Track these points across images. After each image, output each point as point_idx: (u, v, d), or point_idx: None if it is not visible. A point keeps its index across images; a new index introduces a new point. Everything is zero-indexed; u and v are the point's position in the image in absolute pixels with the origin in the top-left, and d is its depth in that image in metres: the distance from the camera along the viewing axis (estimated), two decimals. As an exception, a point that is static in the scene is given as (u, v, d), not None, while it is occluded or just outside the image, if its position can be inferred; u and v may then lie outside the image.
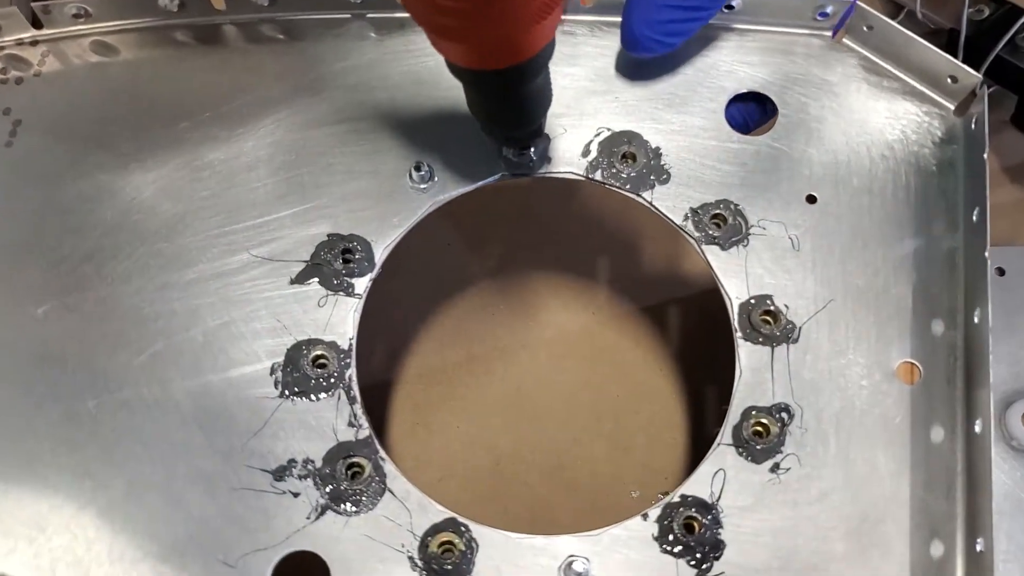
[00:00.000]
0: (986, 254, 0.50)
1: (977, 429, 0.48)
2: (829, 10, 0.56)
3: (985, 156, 0.52)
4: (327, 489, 0.48)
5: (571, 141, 0.56)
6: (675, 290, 0.67)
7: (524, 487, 0.64)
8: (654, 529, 0.48)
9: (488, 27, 0.40)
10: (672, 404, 0.66)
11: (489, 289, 0.68)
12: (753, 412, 0.50)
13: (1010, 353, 0.61)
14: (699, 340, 0.66)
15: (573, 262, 0.69)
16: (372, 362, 0.65)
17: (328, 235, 0.54)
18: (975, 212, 0.52)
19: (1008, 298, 0.62)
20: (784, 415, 0.50)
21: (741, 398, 0.50)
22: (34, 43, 0.58)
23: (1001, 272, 0.63)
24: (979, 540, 0.46)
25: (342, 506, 0.48)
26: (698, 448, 0.64)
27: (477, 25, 0.40)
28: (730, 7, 0.56)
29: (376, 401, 0.64)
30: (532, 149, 0.54)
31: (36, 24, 0.58)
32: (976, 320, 0.50)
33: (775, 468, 0.49)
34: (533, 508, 0.61)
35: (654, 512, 0.48)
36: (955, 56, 0.64)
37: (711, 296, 0.54)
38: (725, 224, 0.54)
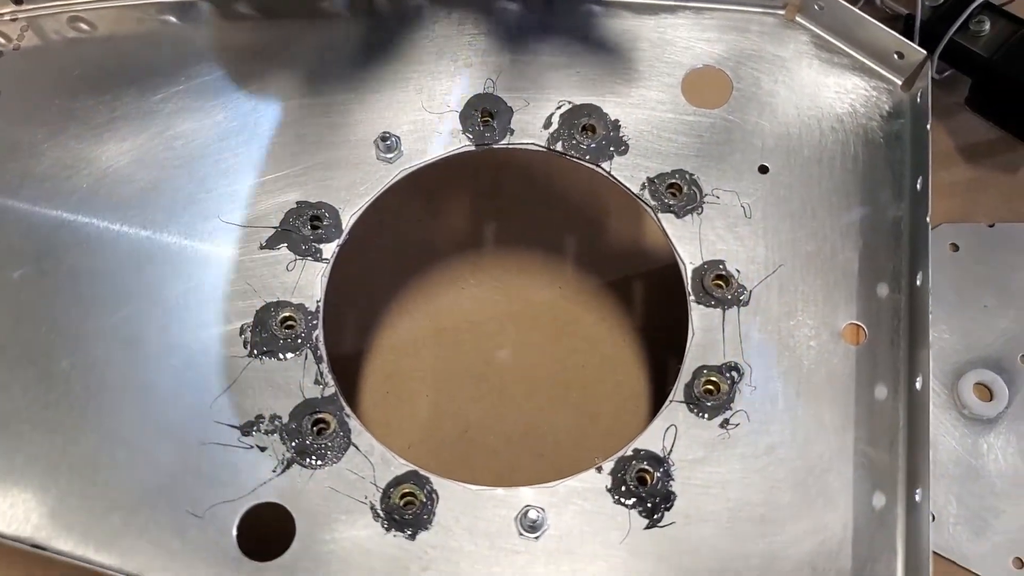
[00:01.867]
0: (927, 219, 0.52)
1: (918, 386, 0.50)
2: (783, -11, 0.59)
3: (928, 127, 0.54)
4: (293, 444, 0.50)
5: (533, 114, 0.58)
6: (638, 264, 0.69)
7: (491, 454, 0.65)
8: (608, 481, 0.50)
9: None
10: (636, 373, 0.67)
11: (458, 263, 0.70)
12: (704, 371, 0.52)
13: (961, 326, 0.63)
14: (662, 312, 0.68)
15: (539, 237, 0.71)
16: (344, 333, 0.67)
17: (297, 203, 0.56)
18: (919, 181, 0.54)
19: (961, 273, 0.65)
20: (734, 374, 0.52)
21: (693, 358, 0.52)
22: (13, 19, 0.60)
23: (955, 248, 0.66)
24: (917, 491, 0.48)
25: (307, 460, 0.50)
26: (662, 417, 0.66)
27: None
28: (688, -15, 0.59)
29: (347, 371, 0.66)
30: (495, 121, 0.56)
31: (16, 0, 0.60)
32: (918, 283, 0.52)
33: (725, 424, 0.51)
34: (499, 473, 0.63)
35: (608, 465, 0.50)
36: (911, 41, 0.67)
37: (672, 270, 0.56)
38: (680, 193, 0.56)
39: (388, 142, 0.56)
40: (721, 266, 0.54)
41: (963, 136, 0.72)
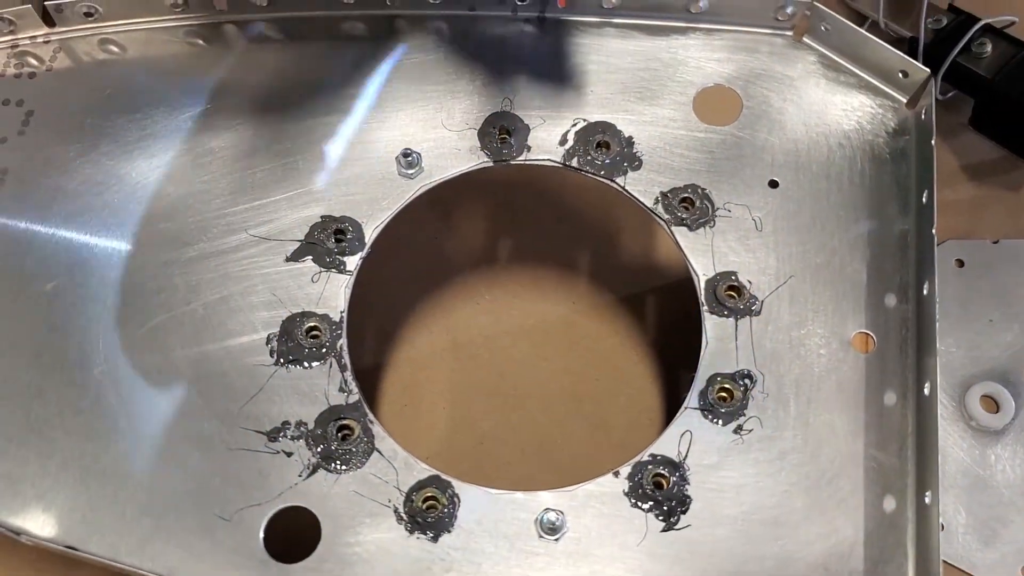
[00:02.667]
0: (933, 231, 0.53)
1: (926, 392, 0.51)
2: (790, 10, 0.60)
3: (933, 143, 0.56)
4: (318, 449, 0.52)
5: (549, 131, 0.60)
6: (652, 279, 0.71)
7: (506, 465, 0.67)
8: (625, 485, 0.51)
9: None
10: (649, 387, 0.68)
11: (474, 279, 0.72)
12: (718, 379, 0.53)
13: (968, 339, 0.65)
14: (674, 326, 0.69)
15: (554, 252, 0.72)
16: (364, 346, 0.68)
17: (321, 217, 0.57)
18: (924, 195, 0.56)
19: (966, 288, 0.66)
20: (747, 381, 0.53)
21: (707, 366, 0.54)
22: (47, 40, 0.62)
23: (960, 263, 0.67)
24: (927, 493, 0.49)
25: (332, 464, 0.51)
26: (674, 430, 0.67)
27: None
28: (697, 8, 0.61)
29: (367, 383, 0.67)
30: (512, 138, 0.58)
31: (49, 22, 0.62)
32: (925, 293, 0.53)
33: (738, 430, 0.53)
34: (515, 483, 0.64)
35: (625, 470, 0.52)
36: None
37: (684, 285, 0.57)
38: (693, 207, 0.58)
39: (409, 158, 0.58)
40: (733, 277, 0.56)
41: (967, 155, 0.73)
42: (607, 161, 0.59)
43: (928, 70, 0.58)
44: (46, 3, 0.61)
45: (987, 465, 0.61)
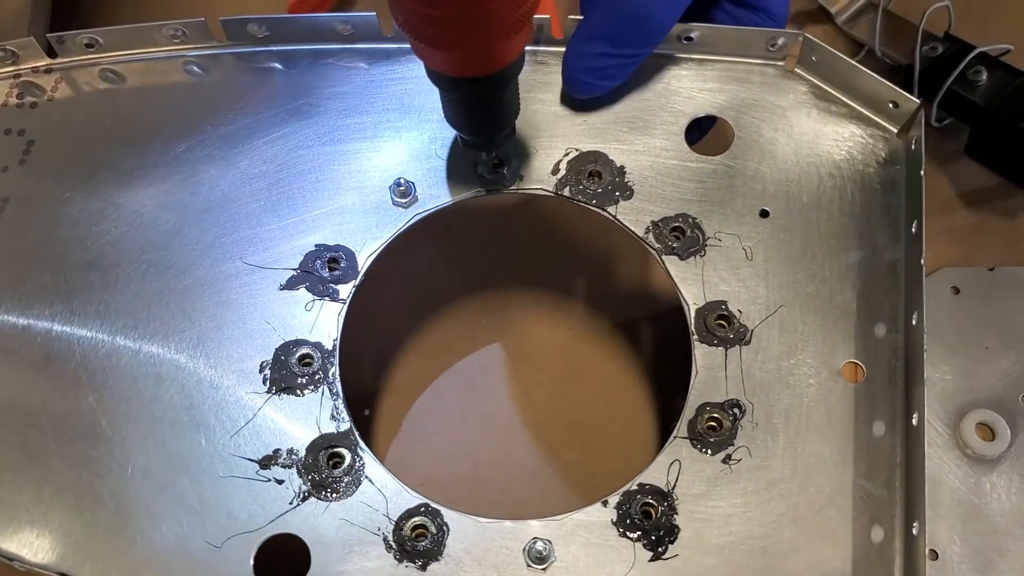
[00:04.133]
0: (922, 261, 0.54)
1: (914, 422, 0.51)
2: (781, 41, 0.61)
3: (922, 173, 0.56)
4: (309, 477, 0.52)
5: (542, 160, 0.60)
6: (646, 307, 0.71)
7: (501, 492, 0.67)
8: (613, 515, 0.51)
9: (469, 37, 0.45)
10: (644, 414, 0.69)
11: (470, 306, 0.72)
12: (707, 408, 0.54)
13: (963, 367, 0.65)
14: (669, 354, 0.70)
15: (549, 280, 0.73)
16: (359, 373, 0.69)
17: (315, 245, 0.58)
18: (913, 225, 0.56)
19: (962, 316, 0.66)
20: (736, 410, 0.54)
21: (696, 395, 0.54)
22: (48, 71, 0.63)
23: (956, 291, 0.67)
24: (914, 524, 0.49)
25: (323, 493, 0.52)
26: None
27: (459, 35, 0.45)
28: (689, 39, 0.61)
29: (361, 410, 0.68)
30: (506, 168, 0.59)
31: (51, 53, 0.63)
32: (914, 322, 0.54)
33: (727, 459, 0.53)
34: (508, 510, 0.64)
35: (613, 499, 0.52)
36: (911, 90, 0.69)
37: (680, 313, 0.58)
38: (684, 236, 0.58)
39: (403, 188, 0.58)
40: (723, 306, 0.56)
41: (963, 183, 0.73)
42: (599, 190, 0.59)
43: (918, 100, 0.59)
44: (48, 35, 0.62)
45: (982, 493, 0.61)
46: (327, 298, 0.57)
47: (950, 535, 0.59)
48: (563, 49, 0.60)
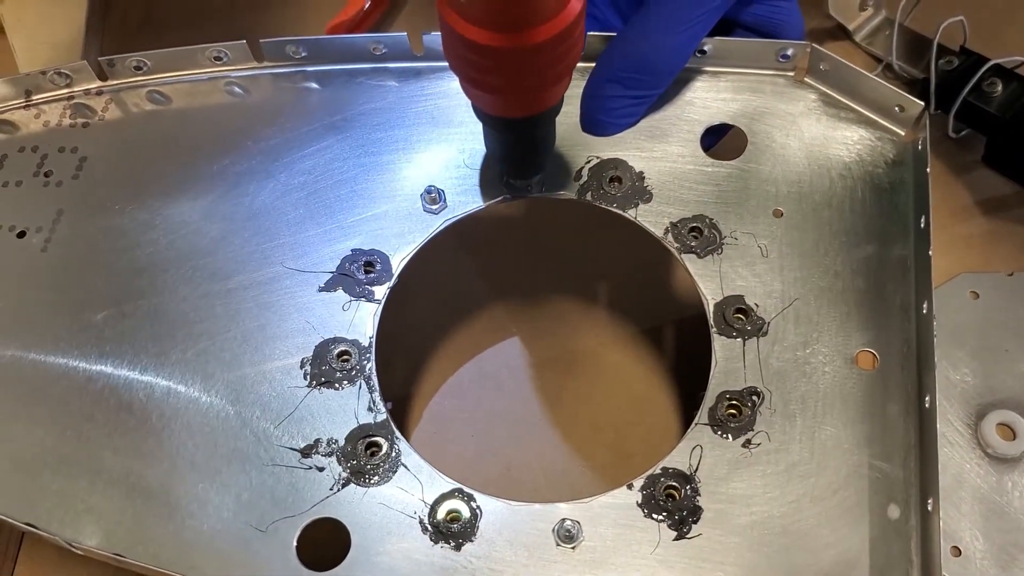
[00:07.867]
0: (930, 252, 0.56)
1: (927, 405, 0.53)
2: (790, 52, 0.64)
3: (928, 172, 0.59)
4: (348, 464, 0.55)
5: (565, 167, 0.63)
6: (671, 311, 0.73)
7: (531, 491, 0.69)
8: (638, 497, 0.54)
9: (519, 86, 0.49)
10: (671, 415, 0.71)
11: (500, 312, 0.75)
12: (727, 396, 0.56)
13: (984, 369, 0.65)
14: (694, 357, 0.72)
15: (576, 285, 0.75)
16: (394, 376, 0.71)
17: (352, 250, 0.61)
18: (922, 220, 0.58)
19: (982, 319, 0.67)
20: (755, 398, 0.56)
21: (716, 384, 0.57)
22: (99, 93, 0.67)
23: (976, 295, 0.69)
24: (929, 500, 0.51)
25: (362, 479, 0.54)
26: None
27: (510, 85, 0.49)
28: (703, 52, 0.64)
29: (397, 412, 0.70)
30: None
31: (102, 76, 0.67)
32: (924, 311, 0.56)
33: (747, 444, 0.55)
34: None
35: (638, 482, 0.54)
36: (928, 103, 0.71)
37: (703, 318, 0.60)
38: (701, 236, 0.61)
39: (433, 195, 0.62)
40: (741, 300, 0.59)
41: (980, 191, 0.75)
42: (619, 195, 0.62)
43: (922, 103, 0.61)
44: (100, 59, 0.67)
45: (1004, 492, 0.62)
46: (363, 299, 0.60)
47: (972, 532, 0.60)
48: (585, 64, 0.63)
